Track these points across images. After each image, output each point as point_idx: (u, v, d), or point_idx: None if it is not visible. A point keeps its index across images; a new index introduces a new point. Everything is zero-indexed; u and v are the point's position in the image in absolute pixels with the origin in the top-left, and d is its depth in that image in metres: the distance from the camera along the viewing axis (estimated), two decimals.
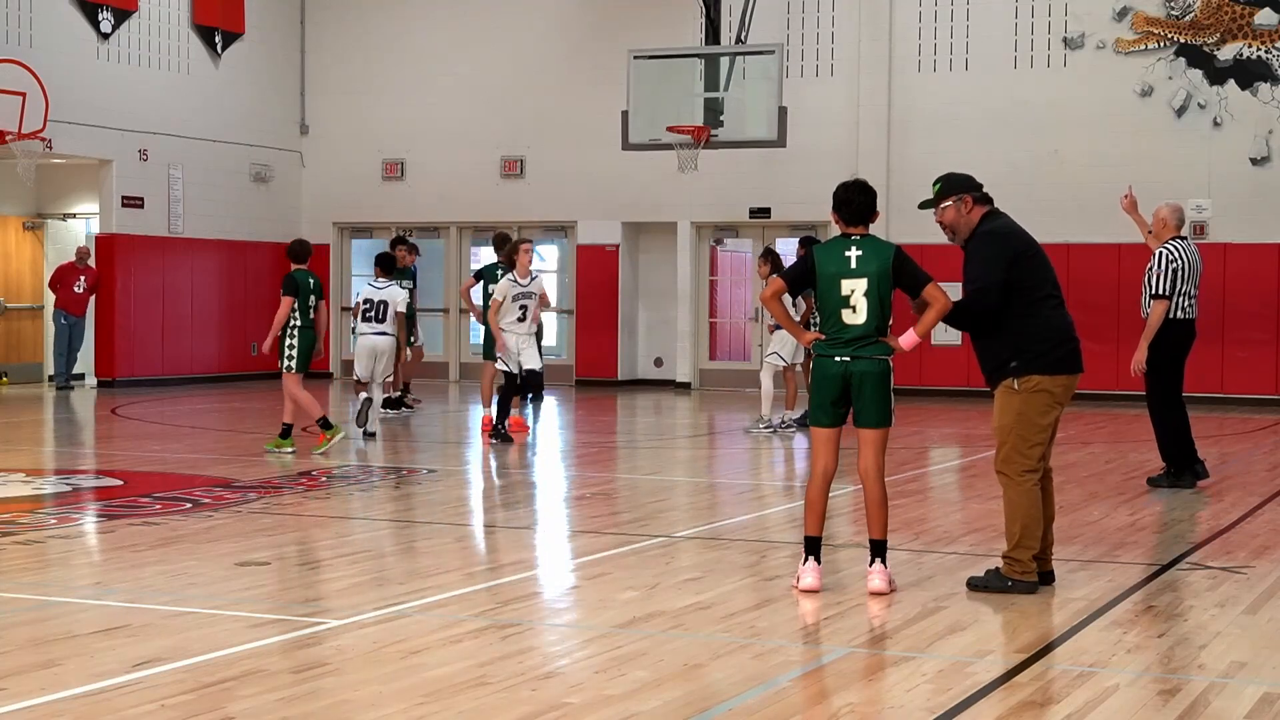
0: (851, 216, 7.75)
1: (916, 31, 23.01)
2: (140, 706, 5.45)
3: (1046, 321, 7.67)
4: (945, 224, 7.90)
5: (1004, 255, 7.64)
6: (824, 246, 7.82)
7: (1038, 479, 7.67)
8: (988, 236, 7.73)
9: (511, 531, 10.24)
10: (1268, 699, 5.72)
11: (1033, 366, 7.60)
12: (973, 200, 7.85)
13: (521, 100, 25.06)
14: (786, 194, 23.50)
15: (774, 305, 7.84)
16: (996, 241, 7.69)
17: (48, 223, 24.78)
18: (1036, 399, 7.60)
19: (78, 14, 22.67)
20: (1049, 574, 7.84)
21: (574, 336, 24.99)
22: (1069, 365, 7.69)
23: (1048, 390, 7.61)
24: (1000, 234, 7.74)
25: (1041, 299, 7.68)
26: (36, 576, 8.18)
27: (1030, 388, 7.59)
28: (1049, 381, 7.61)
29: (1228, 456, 14.31)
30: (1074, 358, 7.74)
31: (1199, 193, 21.30)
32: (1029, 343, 7.60)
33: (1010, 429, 7.64)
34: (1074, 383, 7.74)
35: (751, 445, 15.60)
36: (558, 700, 5.59)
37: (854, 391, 7.63)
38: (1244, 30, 21.45)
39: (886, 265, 7.63)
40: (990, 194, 7.98)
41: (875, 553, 7.65)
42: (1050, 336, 7.65)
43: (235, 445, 15.21)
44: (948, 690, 5.78)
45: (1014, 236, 7.76)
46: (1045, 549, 7.79)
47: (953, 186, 7.90)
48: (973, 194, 7.87)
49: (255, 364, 25.63)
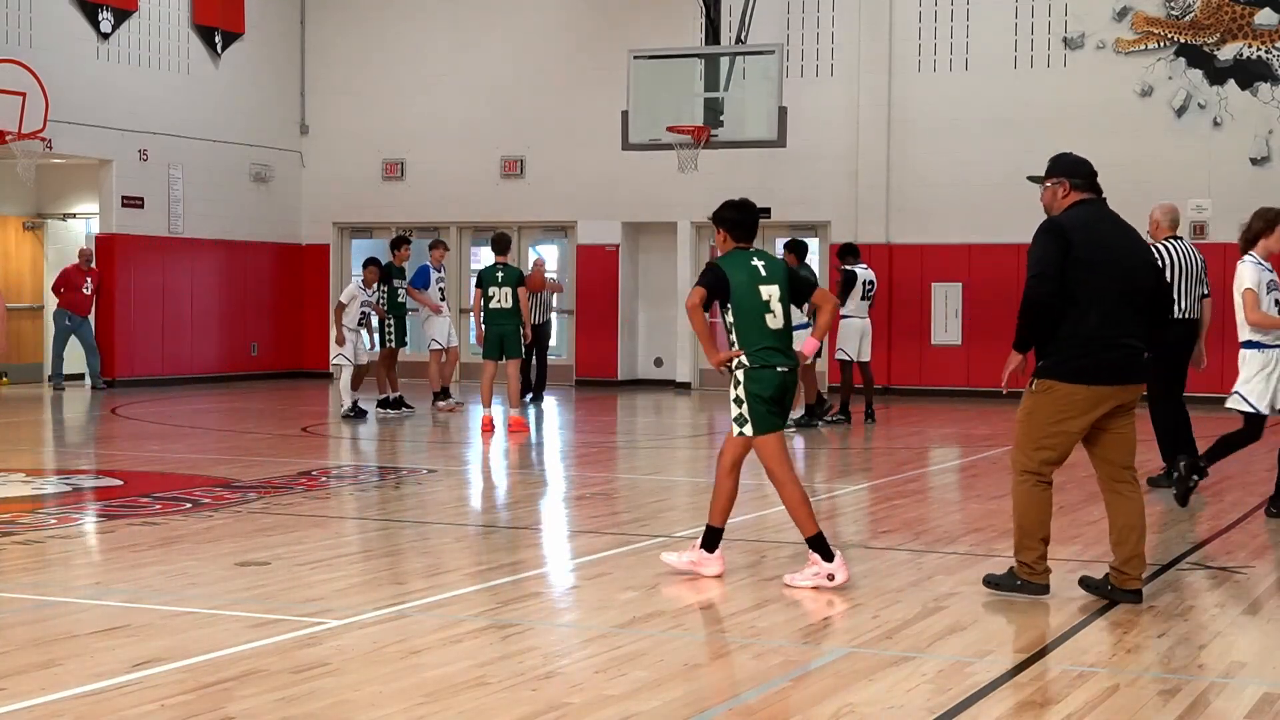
0: (746, 234, 8.15)
1: (916, 31, 23.01)
2: (140, 706, 5.45)
3: (1078, 328, 7.32)
4: (1044, 204, 7.67)
5: (1057, 248, 7.32)
6: (730, 259, 8.04)
7: (1040, 482, 7.48)
8: (1045, 228, 7.45)
9: (511, 531, 10.24)
10: (1268, 699, 5.72)
11: (1048, 369, 7.40)
12: (1069, 186, 7.59)
13: (521, 100, 25.06)
14: (786, 194, 23.50)
15: (697, 316, 7.90)
16: (1052, 233, 7.39)
17: (48, 223, 24.79)
18: (1046, 402, 7.41)
19: (78, 14, 22.68)
20: (1134, 592, 7.42)
21: (574, 336, 25.00)
22: (1090, 375, 7.33)
23: (1060, 395, 7.36)
24: (1061, 227, 7.40)
25: (1084, 304, 7.29)
26: (36, 576, 8.18)
27: (1043, 389, 7.42)
28: (1063, 388, 7.35)
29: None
30: (1100, 370, 7.34)
31: (1199, 193, 21.30)
32: (1056, 346, 7.36)
33: (1019, 424, 7.56)
34: (1099, 395, 7.34)
35: None
36: (558, 700, 5.59)
37: (787, 397, 8.00)
38: (1244, 30, 21.46)
39: (784, 273, 8.05)
40: (1099, 184, 7.62)
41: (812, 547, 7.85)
42: (1077, 343, 7.32)
43: (235, 445, 15.21)
44: (948, 690, 5.78)
45: (1077, 230, 7.39)
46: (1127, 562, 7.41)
47: (1055, 168, 7.68)
48: (1072, 179, 7.60)
49: (255, 364, 25.67)
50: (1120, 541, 7.49)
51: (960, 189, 22.70)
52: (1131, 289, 7.41)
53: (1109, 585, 7.50)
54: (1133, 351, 7.42)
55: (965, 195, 22.68)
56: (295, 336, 26.34)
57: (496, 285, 16.51)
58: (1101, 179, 7.76)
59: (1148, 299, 7.51)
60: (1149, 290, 7.52)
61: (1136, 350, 7.44)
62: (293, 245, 26.47)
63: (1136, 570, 7.46)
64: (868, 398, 17.89)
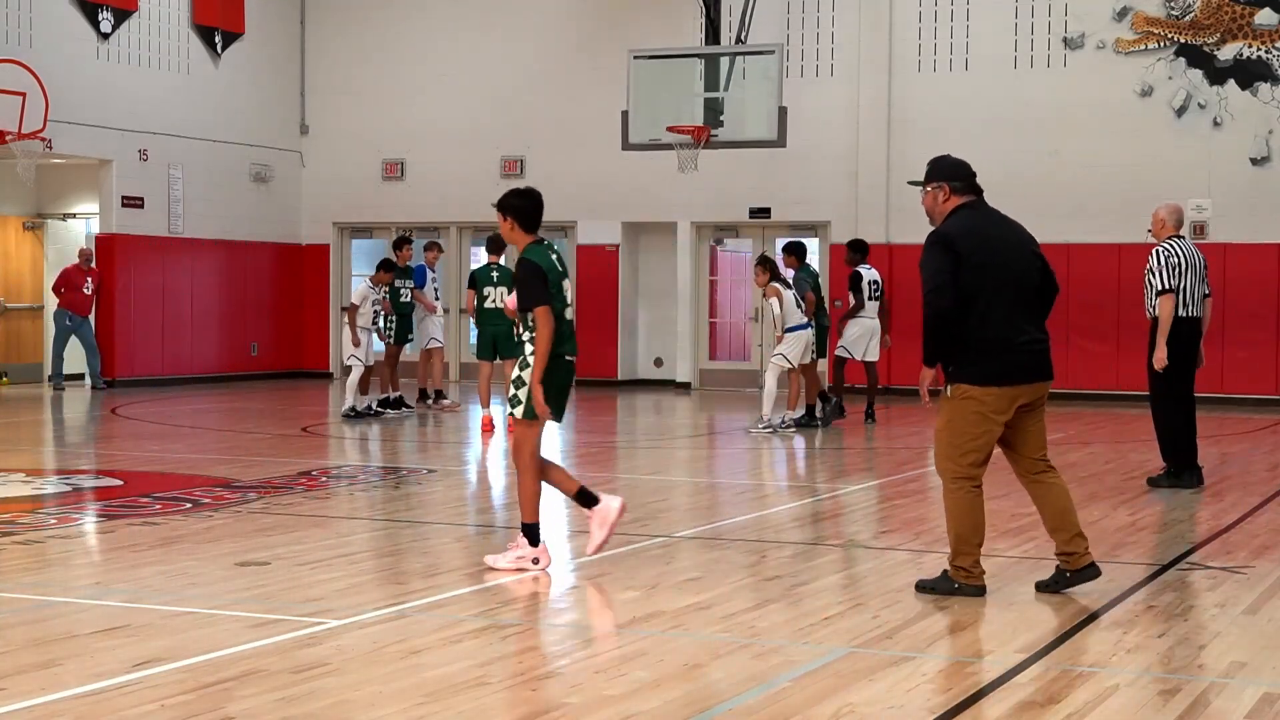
0: (535, 223, 8.26)
1: (916, 31, 23.01)
2: (140, 706, 5.45)
3: (983, 330, 7.37)
4: (925, 209, 7.75)
5: (948, 258, 7.38)
6: (539, 250, 8.19)
7: (972, 487, 7.51)
8: (933, 240, 7.50)
9: (511, 531, 10.23)
10: (1268, 699, 5.72)
11: (961, 375, 7.43)
12: (950, 190, 7.64)
13: (521, 100, 25.06)
14: (786, 194, 23.51)
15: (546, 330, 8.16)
16: (940, 244, 7.45)
17: (48, 223, 24.79)
18: (964, 407, 7.44)
19: (78, 14, 22.68)
20: (1089, 567, 7.57)
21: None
22: (1001, 378, 7.38)
23: (976, 399, 7.39)
24: (948, 237, 7.45)
25: (984, 306, 7.36)
26: (36, 576, 8.18)
27: (959, 395, 7.45)
28: (978, 392, 7.38)
29: (1228, 456, 14.31)
30: (1011, 371, 7.41)
31: (1199, 193, 21.30)
32: (963, 351, 7.41)
33: (940, 433, 7.59)
34: (1013, 394, 7.42)
35: (751, 445, 15.60)
36: (558, 700, 5.59)
37: (569, 386, 8.39)
38: (1244, 30, 21.46)
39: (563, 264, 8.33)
40: (979, 184, 7.72)
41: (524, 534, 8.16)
42: (983, 347, 7.38)
43: (235, 445, 15.21)
44: (948, 690, 5.78)
45: (964, 238, 7.45)
46: (1070, 541, 7.56)
47: (934, 172, 7.72)
48: (952, 183, 7.65)
49: (255, 364, 25.67)
50: (1058, 527, 7.63)
51: None
52: (1025, 287, 7.54)
53: (1065, 574, 7.61)
54: (1037, 349, 7.54)
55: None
56: (295, 336, 26.35)
57: (491, 285, 16.50)
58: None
59: (1040, 294, 7.65)
60: (1039, 286, 7.64)
61: (1041, 347, 7.56)
62: (293, 245, 26.47)
63: (1082, 546, 7.62)
64: (870, 398, 17.90)
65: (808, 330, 16.54)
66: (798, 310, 16.44)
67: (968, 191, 7.68)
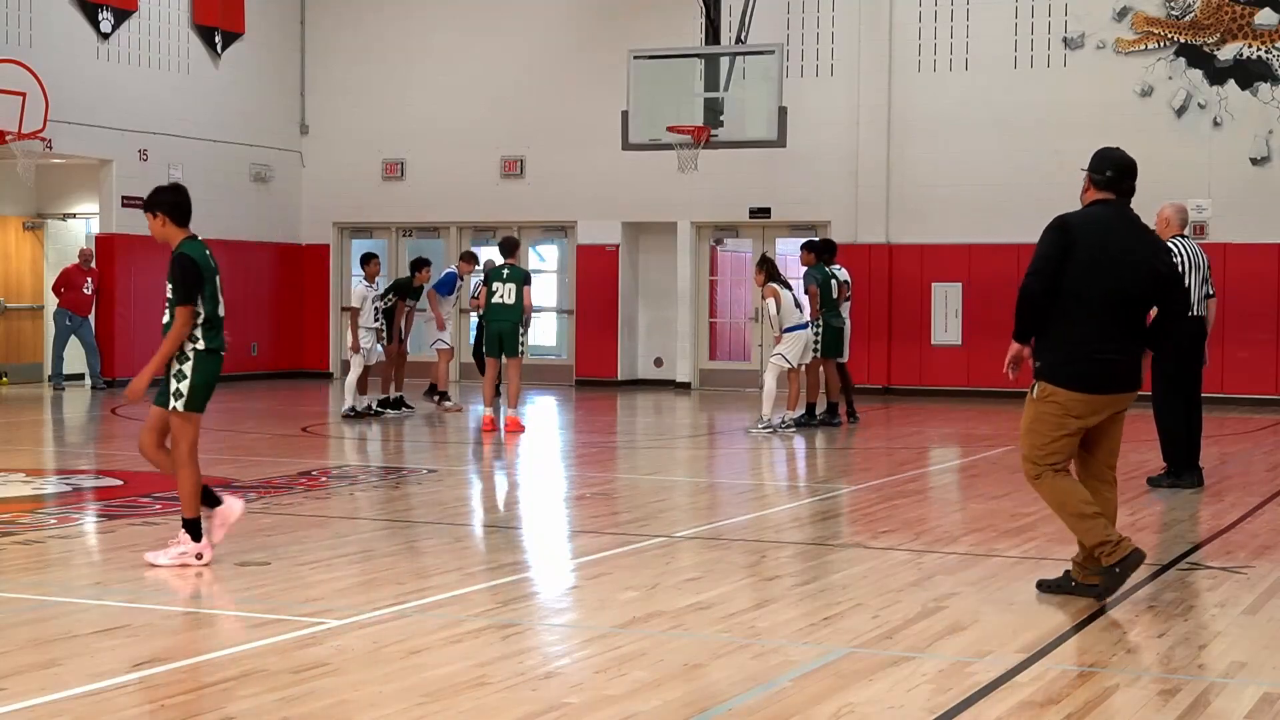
0: (187, 217, 8.54)
1: (916, 32, 23.01)
2: (140, 706, 5.45)
3: (1071, 332, 7.27)
4: None
5: (1057, 245, 7.27)
6: (195, 246, 8.45)
7: (1055, 470, 7.39)
8: (1052, 223, 7.41)
9: (511, 531, 10.24)
10: (1268, 699, 5.72)
11: (1045, 374, 7.35)
12: (1091, 182, 7.53)
13: (521, 100, 25.06)
14: (786, 194, 23.50)
15: (178, 333, 8.34)
16: (1055, 230, 7.34)
17: (48, 223, 24.78)
18: (1046, 409, 7.36)
19: (78, 14, 22.68)
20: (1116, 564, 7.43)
21: (574, 336, 25.00)
22: (1084, 383, 7.28)
23: (1059, 403, 7.31)
24: (1066, 225, 7.34)
25: (1077, 307, 7.24)
26: (36, 576, 8.18)
27: (1043, 395, 7.36)
28: (1061, 395, 7.30)
29: (1228, 456, 14.30)
30: (1094, 378, 7.28)
31: (1199, 193, 21.29)
32: (1050, 347, 7.32)
33: (1023, 434, 7.51)
34: (1094, 402, 7.30)
35: (751, 445, 15.60)
36: (558, 700, 5.59)
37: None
38: (1244, 30, 21.46)
39: None
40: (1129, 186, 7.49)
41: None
42: (1071, 350, 7.28)
43: (235, 445, 15.21)
44: (948, 690, 5.78)
45: (1081, 229, 7.31)
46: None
47: (1092, 161, 7.58)
48: (1094, 175, 7.51)
49: (255, 364, 25.66)
50: None
51: (960, 189, 22.70)
52: (1128, 297, 7.33)
53: (1072, 581, 7.54)
54: (1124, 360, 7.36)
55: (965, 195, 22.68)
56: (295, 336, 26.34)
57: (501, 281, 16.62)
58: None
59: (1144, 308, 7.44)
60: (1147, 299, 7.44)
61: (1128, 358, 7.38)
62: (293, 245, 26.46)
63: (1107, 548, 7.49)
64: (848, 397, 17.80)
65: (806, 330, 16.55)
66: (797, 310, 16.45)
67: (1109, 189, 7.48)
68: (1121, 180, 7.52)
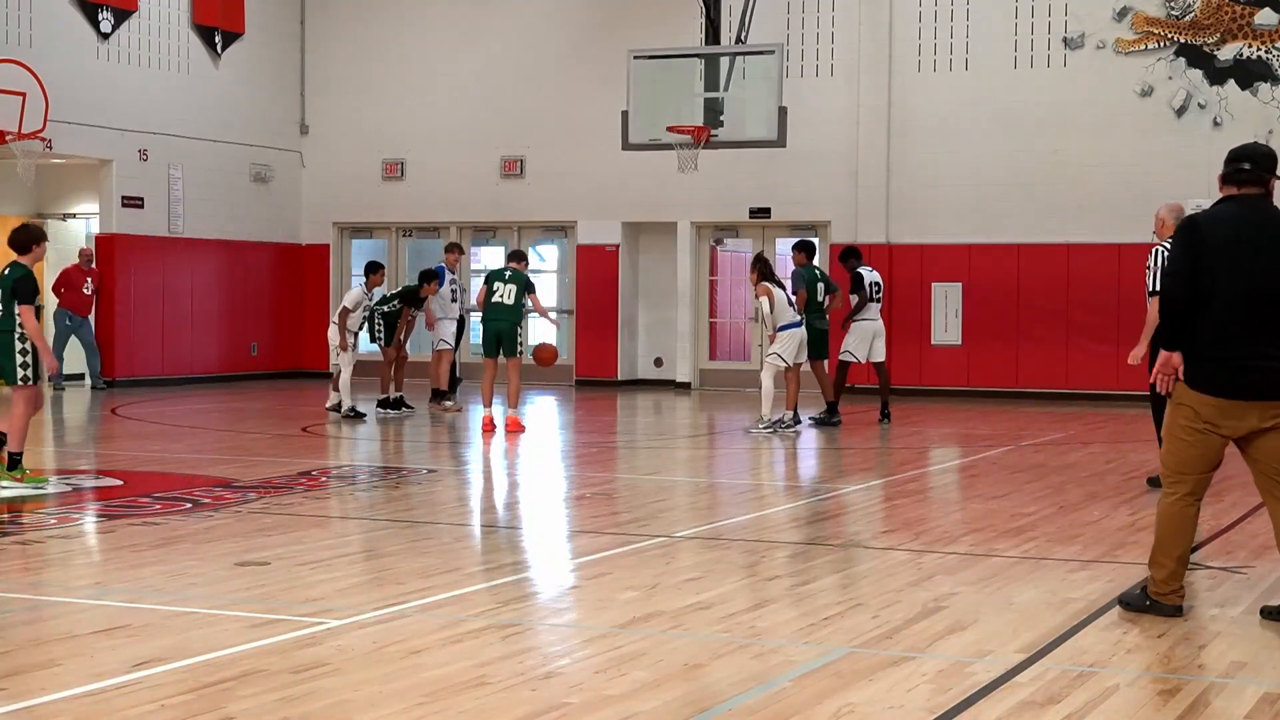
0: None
1: (916, 31, 23.01)
2: (140, 706, 5.45)
3: (1205, 335, 6.95)
4: None
5: (1185, 247, 6.97)
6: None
7: (1181, 495, 7.16)
8: (1180, 224, 7.14)
9: (511, 531, 10.24)
10: (1268, 699, 5.72)
11: (1184, 375, 7.04)
12: (1220, 176, 7.20)
13: (521, 100, 25.06)
14: (786, 194, 23.51)
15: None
16: (1183, 231, 7.07)
17: (48, 223, 24.76)
18: (1179, 412, 7.12)
19: (78, 14, 22.68)
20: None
21: (574, 336, 24.99)
22: (1217, 387, 7.00)
23: (1190, 406, 7.05)
24: (1194, 225, 7.04)
25: (1208, 311, 6.92)
26: (36, 576, 8.18)
27: (1178, 397, 7.10)
28: (1192, 398, 7.03)
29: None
30: (1230, 383, 6.95)
31: (1199, 193, 21.26)
32: (1188, 351, 7.02)
33: (1165, 434, 7.28)
34: (1230, 408, 6.98)
35: (751, 445, 15.60)
36: (558, 700, 5.59)
37: None
38: (1244, 30, 21.46)
39: None
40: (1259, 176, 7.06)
41: None
42: (1205, 352, 6.97)
43: (235, 445, 15.21)
44: (948, 690, 5.78)
45: (1209, 228, 6.99)
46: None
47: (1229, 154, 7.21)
48: (1225, 169, 7.15)
49: (255, 364, 25.67)
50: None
51: (960, 189, 22.70)
52: (1265, 296, 6.91)
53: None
54: (1264, 366, 6.94)
55: (965, 195, 22.68)
56: (295, 336, 26.34)
57: (502, 281, 16.67)
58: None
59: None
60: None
61: (1267, 363, 6.94)
62: (293, 245, 26.47)
63: None
64: (884, 397, 17.92)
65: (800, 329, 16.59)
66: (790, 309, 16.50)
67: (1233, 183, 7.11)
68: (1242, 174, 7.11)
